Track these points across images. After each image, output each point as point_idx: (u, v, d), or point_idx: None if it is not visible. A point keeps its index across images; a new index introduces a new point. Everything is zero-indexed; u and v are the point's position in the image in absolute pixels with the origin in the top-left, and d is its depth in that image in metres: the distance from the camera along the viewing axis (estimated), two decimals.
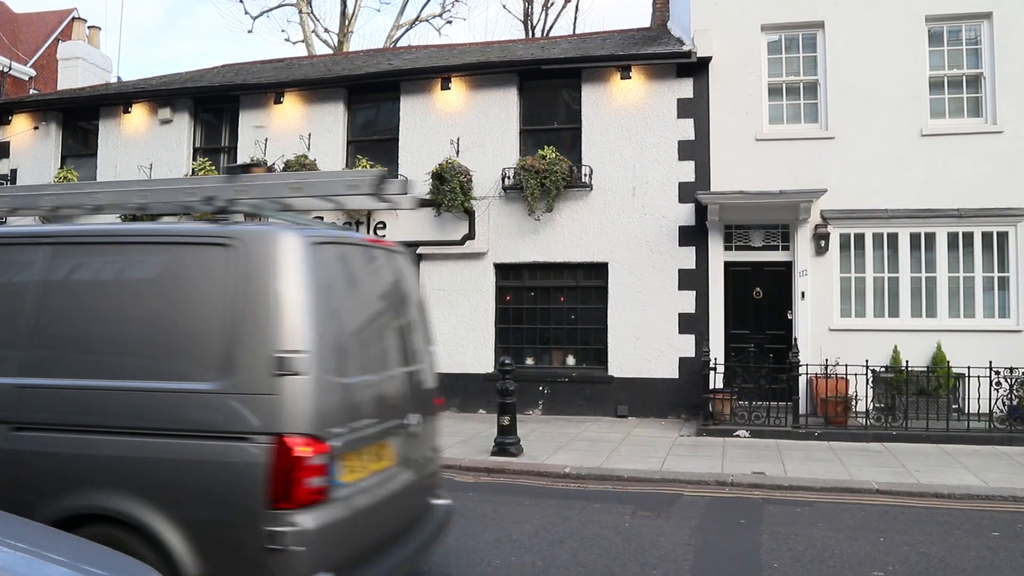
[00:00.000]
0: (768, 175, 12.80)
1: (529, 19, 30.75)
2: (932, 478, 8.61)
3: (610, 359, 13.51)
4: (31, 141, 16.80)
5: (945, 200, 12.52)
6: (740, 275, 13.26)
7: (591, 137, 13.75)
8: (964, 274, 12.59)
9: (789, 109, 13.37)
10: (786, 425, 11.27)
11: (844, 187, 12.66)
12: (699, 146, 13.31)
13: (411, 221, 14.27)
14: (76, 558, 2.87)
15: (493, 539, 6.30)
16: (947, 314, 12.56)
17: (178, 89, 15.96)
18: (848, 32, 12.99)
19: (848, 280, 12.89)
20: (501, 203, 14.01)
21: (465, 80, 14.41)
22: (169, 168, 15.62)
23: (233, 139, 15.74)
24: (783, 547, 6.17)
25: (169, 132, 15.90)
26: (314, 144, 14.92)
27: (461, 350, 14.00)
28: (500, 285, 14.17)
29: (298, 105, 15.22)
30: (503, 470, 9.22)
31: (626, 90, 13.65)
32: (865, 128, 12.80)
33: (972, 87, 12.89)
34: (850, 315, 12.86)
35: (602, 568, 5.60)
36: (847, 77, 12.93)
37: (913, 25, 12.84)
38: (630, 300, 13.42)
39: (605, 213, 13.59)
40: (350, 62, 17.16)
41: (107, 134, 16.36)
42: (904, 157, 12.69)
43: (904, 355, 11.88)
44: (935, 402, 11.46)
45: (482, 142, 14.15)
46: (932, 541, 6.37)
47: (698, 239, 13.23)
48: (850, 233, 12.88)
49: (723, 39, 13.27)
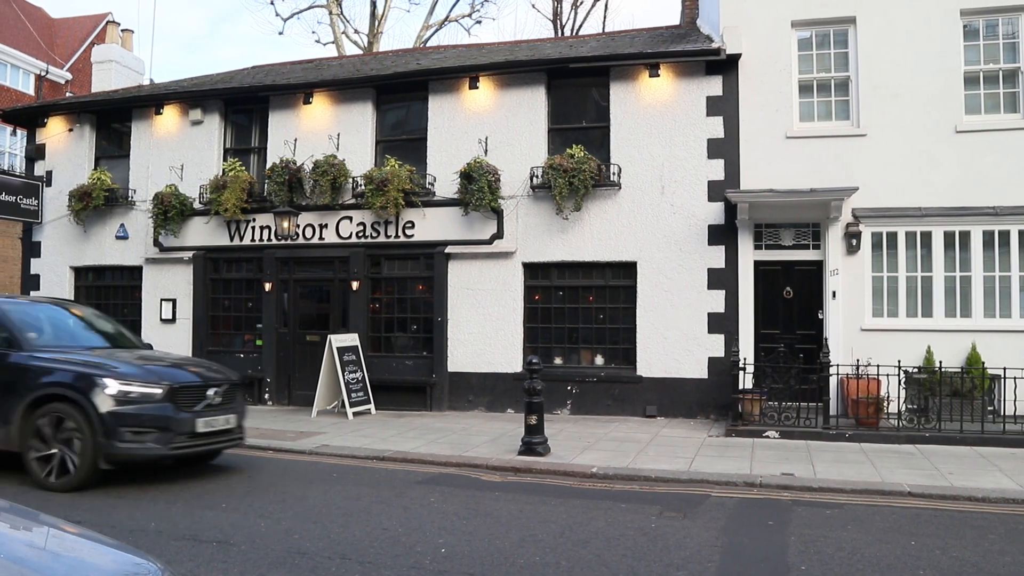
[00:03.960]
0: (798, 173, 12.67)
1: (558, 18, 30.72)
2: (966, 481, 8.46)
3: (639, 359, 13.44)
4: (66, 143, 17.08)
5: (980, 198, 12.30)
6: (770, 274, 13.13)
7: (619, 136, 13.69)
8: (1000, 273, 12.36)
9: (820, 106, 13.21)
10: (816, 426, 11.14)
11: (876, 185, 12.49)
12: (728, 144, 13.20)
13: (439, 221, 14.31)
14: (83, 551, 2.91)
15: (518, 539, 6.28)
16: (982, 314, 12.33)
17: (209, 91, 16.14)
18: (880, 27, 12.80)
19: (880, 279, 12.71)
20: (529, 202, 13.99)
21: (493, 79, 14.41)
22: (200, 169, 15.81)
23: (263, 140, 15.89)
24: (811, 549, 6.08)
25: (200, 133, 16.09)
26: (343, 144, 15.01)
27: (489, 349, 14.02)
28: (528, 284, 14.16)
29: (327, 105, 15.32)
30: (530, 469, 9.20)
31: (655, 88, 13.57)
32: (897, 125, 12.61)
33: (1009, 82, 12.64)
34: (882, 315, 12.67)
35: (627, 569, 5.56)
36: (879, 73, 12.75)
37: (947, 19, 12.62)
38: (659, 299, 13.34)
39: (634, 212, 13.52)
40: (379, 62, 17.24)
41: (139, 135, 16.59)
42: (938, 154, 12.48)
43: (938, 356, 11.69)
44: (969, 404, 11.26)
45: (510, 141, 14.15)
46: (965, 545, 6.24)
47: (728, 238, 13.11)
48: (882, 232, 12.70)
49: (753, 36, 13.14)
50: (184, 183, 15.85)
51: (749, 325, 12.96)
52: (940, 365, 11.31)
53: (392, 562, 5.62)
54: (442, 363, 14.21)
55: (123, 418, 7.68)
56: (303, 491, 8.02)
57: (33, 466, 7.82)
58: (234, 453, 10.17)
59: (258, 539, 6.18)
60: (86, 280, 17.07)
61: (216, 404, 8.44)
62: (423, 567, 5.53)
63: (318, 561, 5.61)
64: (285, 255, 15.26)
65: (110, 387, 7.74)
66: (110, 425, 7.60)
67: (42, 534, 3.04)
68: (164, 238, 15.90)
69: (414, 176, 14.22)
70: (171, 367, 8.64)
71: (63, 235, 16.91)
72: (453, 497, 7.80)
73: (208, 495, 7.74)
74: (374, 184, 13.98)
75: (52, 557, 2.80)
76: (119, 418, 7.66)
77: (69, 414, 7.72)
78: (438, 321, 14.32)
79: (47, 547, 2.91)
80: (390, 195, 13.85)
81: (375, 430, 12.03)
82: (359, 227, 14.77)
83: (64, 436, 7.74)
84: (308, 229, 15.06)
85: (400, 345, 14.89)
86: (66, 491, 7.59)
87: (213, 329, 15.93)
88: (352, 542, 6.12)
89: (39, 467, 7.79)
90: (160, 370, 8.29)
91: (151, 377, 8.02)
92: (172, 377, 8.20)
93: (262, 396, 15.16)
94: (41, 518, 3.25)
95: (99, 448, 7.59)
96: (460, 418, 13.37)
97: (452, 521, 6.81)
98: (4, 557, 2.54)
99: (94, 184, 16.07)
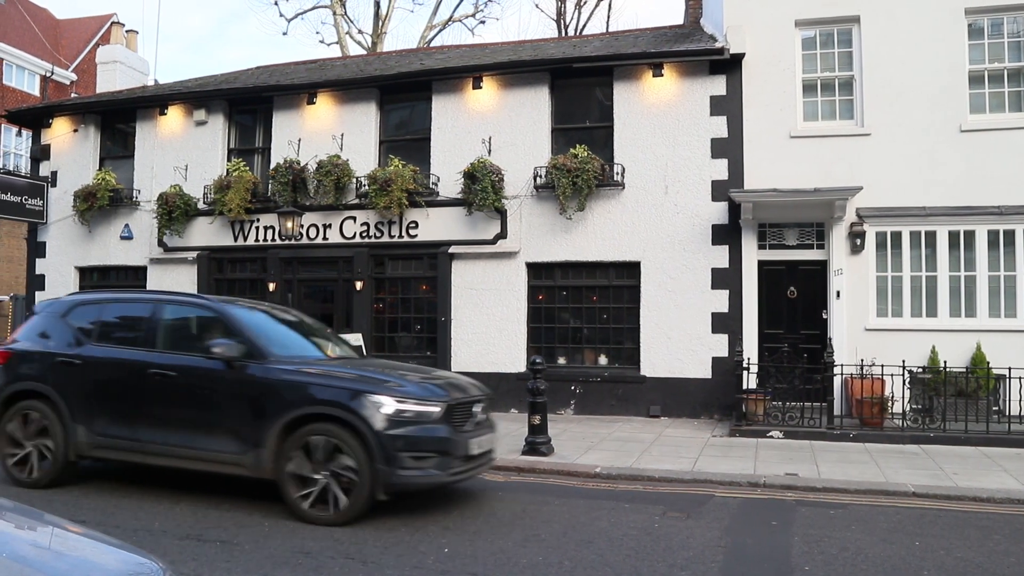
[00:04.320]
0: (802, 172, 12.65)
1: (562, 18, 30.73)
2: (971, 481, 8.44)
3: (642, 359, 13.43)
4: (71, 143, 17.12)
5: (985, 197, 12.27)
6: (774, 274, 13.11)
7: (623, 135, 13.68)
8: (1005, 273, 12.33)
9: (824, 106, 13.19)
10: (820, 426, 11.12)
11: (880, 184, 12.47)
12: (732, 144, 13.19)
13: (443, 221, 14.32)
14: (87, 551, 2.93)
15: (520, 538, 6.28)
16: (987, 314, 12.31)
17: (213, 91, 16.17)
18: (884, 27, 12.78)
19: (884, 279, 12.69)
20: (533, 202, 13.99)
21: (497, 79, 14.42)
22: (204, 169, 15.84)
23: (267, 140, 15.92)
24: (815, 550, 6.07)
25: (204, 133, 16.12)
26: (347, 144, 15.02)
27: (493, 349, 14.02)
28: (532, 284, 14.16)
29: (331, 105, 15.34)
30: (533, 469, 9.19)
31: (658, 88, 13.56)
32: (902, 124, 12.59)
33: (1014, 81, 12.61)
34: (886, 315, 12.65)
35: (629, 568, 5.56)
36: (883, 73, 12.73)
37: (952, 19, 12.60)
38: (663, 299, 13.33)
39: (637, 212, 13.51)
40: (382, 62, 17.26)
41: (144, 136, 16.63)
42: (942, 154, 12.46)
43: (942, 356, 11.67)
44: (974, 404, 11.24)
45: (514, 141, 14.15)
46: (970, 546, 6.23)
47: (731, 238, 13.10)
48: (886, 231, 12.67)
49: (756, 35, 13.13)
50: (188, 183, 15.88)
51: (753, 325, 12.94)
52: (945, 365, 11.29)
53: (396, 561, 5.63)
54: (446, 363, 14.21)
55: (402, 441, 6.59)
56: None
57: (292, 495, 6.71)
58: None
59: (262, 539, 6.19)
60: (91, 280, 17.10)
61: (480, 422, 7.44)
62: (426, 566, 5.54)
63: (321, 561, 5.62)
64: (289, 255, 15.28)
65: (386, 405, 6.64)
66: (390, 449, 6.53)
67: (46, 533, 3.05)
68: (168, 238, 15.94)
69: (418, 176, 14.23)
70: (434, 381, 7.42)
71: (68, 235, 16.95)
72: (456, 496, 7.80)
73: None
74: (378, 184, 13.99)
75: (56, 556, 2.81)
76: (398, 441, 6.57)
77: (339, 436, 6.60)
78: (442, 321, 14.32)
79: (51, 546, 2.92)
80: (394, 195, 13.87)
81: None
82: (363, 227, 14.78)
83: (332, 462, 6.62)
84: (312, 229, 15.08)
85: (404, 345, 14.90)
86: (337, 524, 6.51)
87: None
88: (356, 541, 6.12)
89: (299, 496, 6.68)
90: (431, 385, 7.19)
91: (425, 393, 6.93)
92: (445, 393, 7.10)
93: None
94: (45, 518, 3.26)
95: (378, 476, 6.50)
96: None
97: (455, 520, 6.81)
98: (8, 556, 2.54)
99: (99, 184, 16.12)
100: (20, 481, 7.70)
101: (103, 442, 7.51)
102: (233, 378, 7.08)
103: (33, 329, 8.38)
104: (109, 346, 7.84)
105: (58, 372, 7.78)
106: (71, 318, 8.13)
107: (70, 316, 8.15)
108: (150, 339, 7.71)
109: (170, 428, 7.24)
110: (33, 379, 7.91)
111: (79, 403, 7.60)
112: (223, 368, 7.10)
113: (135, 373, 7.49)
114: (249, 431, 6.91)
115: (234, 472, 7.04)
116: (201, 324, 7.86)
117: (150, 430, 7.32)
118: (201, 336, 7.71)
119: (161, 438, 7.25)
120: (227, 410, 7.11)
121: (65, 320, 8.14)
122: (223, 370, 7.10)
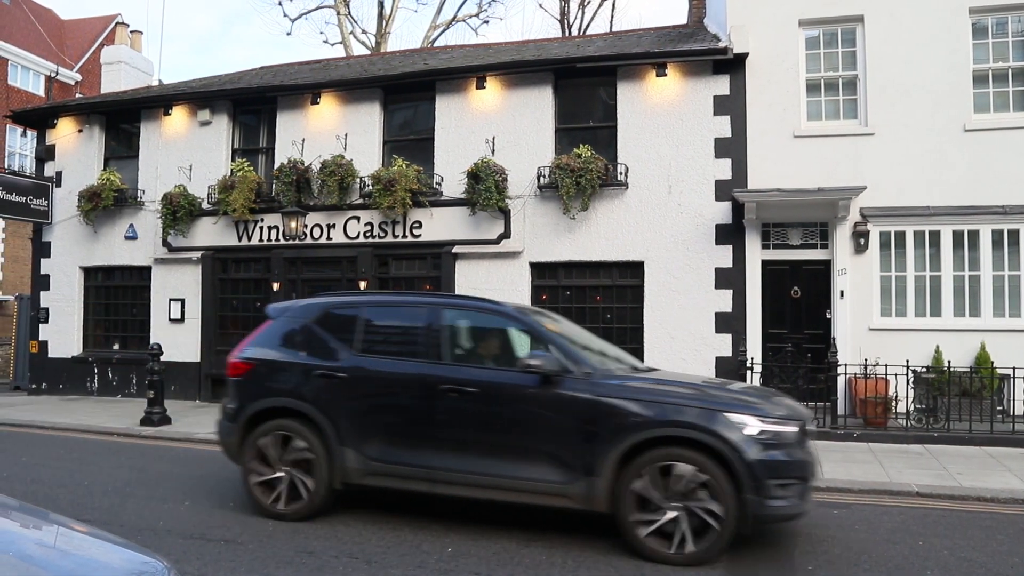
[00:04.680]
0: (806, 172, 12.65)
1: (565, 18, 30.72)
2: (975, 481, 8.43)
3: (646, 358, 13.40)
4: (75, 144, 17.17)
5: (989, 197, 12.26)
6: (778, 274, 13.10)
7: (627, 135, 13.69)
8: (1009, 272, 12.32)
9: (827, 105, 13.18)
10: (824, 426, 11.11)
11: (884, 184, 12.46)
12: (736, 143, 13.18)
13: (446, 220, 14.34)
14: (92, 550, 2.94)
15: (524, 538, 6.29)
16: (991, 313, 12.29)
17: (217, 91, 16.20)
18: (888, 26, 12.77)
19: (888, 279, 12.68)
20: (536, 202, 13.99)
21: (500, 79, 14.43)
22: (208, 169, 15.88)
23: (271, 140, 15.94)
24: (818, 549, 6.07)
25: (208, 133, 16.15)
26: (350, 144, 15.05)
27: None
28: (536, 284, 14.16)
29: (335, 106, 15.36)
30: None
31: (662, 88, 13.56)
32: (906, 124, 12.58)
33: (1018, 80, 12.59)
34: (890, 314, 12.64)
35: (633, 568, 5.56)
36: (887, 72, 12.72)
37: (956, 17, 12.58)
38: (666, 299, 13.33)
39: (641, 212, 13.51)
40: (386, 62, 17.28)
41: (148, 136, 16.67)
42: (946, 153, 12.44)
43: (946, 355, 11.66)
44: (979, 403, 11.23)
45: (517, 141, 14.16)
46: (974, 546, 6.22)
47: (735, 237, 13.10)
48: (890, 231, 12.67)
49: (760, 35, 13.13)
50: (192, 183, 15.92)
51: (756, 325, 12.94)
52: (949, 365, 11.27)
53: (399, 561, 5.64)
54: None
55: (769, 467, 5.70)
56: None
57: (639, 534, 5.79)
58: None
59: (266, 538, 6.20)
60: (95, 280, 17.15)
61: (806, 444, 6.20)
62: (429, 566, 5.55)
63: (325, 560, 5.64)
64: (293, 255, 15.31)
65: (750, 426, 5.77)
66: (759, 477, 5.64)
67: (51, 532, 3.07)
68: (173, 238, 15.97)
69: (421, 176, 14.25)
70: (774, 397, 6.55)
71: (73, 235, 17.00)
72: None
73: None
74: (381, 184, 14.01)
75: (61, 555, 2.83)
76: (765, 467, 5.68)
77: (699, 463, 5.71)
78: None
79: (56, 545, 2.94)
80: (397, 195, 13.89)
81: None
82: (367, 227, 14.81)
83: (689, 492, 5.72)
84: (316, 229, 15.10)
85: None
86: (692, 564, 5.68)
87: (222, 329, 15.99)
88: (359, 541, 6.14)
89: (650, 535, 5.76)
90: (782, 402, 6.36)
91: (784, 412, 6.03)
92: (797, 412, 6.26)
93: None
94: (51, 517, 3.27)
95: (746, 507, 5.64)
96: None
97: (458, 520, 6.82)
98: (14, 555, 2.56)
99: (103, 184, 16.16)
100: (273, 512, 6.75)
101: (378, 468, 6.51)
102: (551, 395, 6.11)
103: (272, 336, 7.29)
104: (382, 358, 6.82)
105: (318, 387, 6.76)
106: (322, 324, 7.10)
107: (320, 322, 7.12)
108: (432, 350, 6.66)
109: (468, 453, 6.27)
110: (286, 395, 6.88)
111: (348, 423, 6.62)
112: (536, 384, 6.15)
113: (424, 390, 6.46)
114: (576, 456, 5.97)
115: (553, 503, 6.11)
116: (495, 333, 6.93)
117: (442, 455, 6.33)
118: (501, 347, 6.85)
119: (457, 464, 6.27)
120: (545, 432, 6.12)
121: (315, 326, 7.10)
122: (537, 386, 6.15)
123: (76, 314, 17.08)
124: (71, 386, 16.92)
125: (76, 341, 17.07)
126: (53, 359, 17.14)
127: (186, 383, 15.87)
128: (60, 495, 7.61)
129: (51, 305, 17.21)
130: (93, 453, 10.31)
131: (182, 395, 15.81)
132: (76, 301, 17.07)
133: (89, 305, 17.20)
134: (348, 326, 7.03)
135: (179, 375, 15.77)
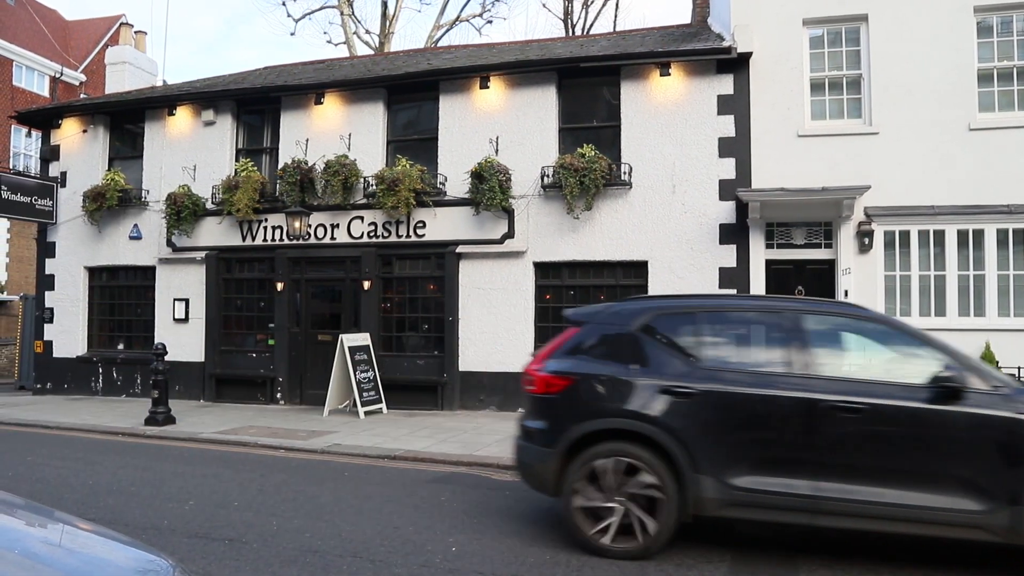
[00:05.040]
0: (810, 172, 12.63)
1: (569, 18, 30.71)
2: None
3: None
4: (80, 144, 17.21)
5: (994, 196, 12.23)
6: (782, 273, 13.09)
7: (630, 135, 13.68)
8: (1014, 272, 12.28)
9: (831, 104, 13.16)
10: None
11: (888, 183, 12.44)
12: (740, 143, 13.17)
13: (450, 220, 14.34)
14: (98, 548, 2.95)
15: (529, 537, 6.30)
16: (996, 313, 12.26)
17: (221, 92, 16.22)
18: (892, 25, 12.75)
19: (893, 278, 12.65)
20: (540, 202, 13.99)
21: (504, 79, 14.43)
22: (212, 170, 15.90)
23: (275, 140, 15.96)
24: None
25: (212, 134, 16.18)
26: (354, 144, 15.06)
27: (500, 349, 14.03)
28: (539, 284, 14.16)
29: (338, 106, 15.37)
30: None
31: (666, 87, 13.55)
32: (910, 123, 12.56)
33: (1023, 79, 12.56)
34: (895, 314, 12.61)
35: (636, 567, 5.57)
36: (891, 71, 12.70)
37: (961, 16, 12.56)
38: None
39: (645, 211, 13.51)
40: (390, 62, 17.29)
41: (153, 136, 16.70)
42: (951, 152, 12.42)
43: None
44: None
45: (521, 141, 14.16)
46: None
47: (739, 237, 13.08)
48: (895, 230, 12.64)
49: (764, 34, 13.11)
50: (197, 183, 15.95)
51: None
52: None
53: (403, 560, 5.64)
54: (453, 362, 14.24)
55: None
56: (315, 490, 8.05)
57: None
58: (246, 452, 10.23)
59: (270, 537, 6.21)
60: (100, 280, 17.19)
61: None
62: (434, 565, 5.55)
63: (329, 560, 5.64)
64: (297, 255, 15.33)
65: None
66: None
67: (57, 531, 3.07)
68: (177, 238, 16.00)
69: (425, 176, 14.25)
70: None
71: (77, 235, 17.04)
72: (464, 496, 7.82)
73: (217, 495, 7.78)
74: (385, 184, 14.02)
75: (67, 553, 2.83)
76: None
77: None
78: (449, 320, 14.34)
79: (62, 543, 2.94)
80: (401, 195, 13.90)
81: (386, 429, 12.06)
82: (370, 227, 14.82)
83: None
84: (320, 229, 15.12)
85: (411, 344, 14.93)
86: None
87: (226, 329, 16.02)
88: (363, 540, 6.14)
89: None
90: None
91: None
92: None
93: (274, 396, 15.24)
94: (56, 515, 3.28)
95: None
96: (471, 417, 13.39)
97: (463, 520, 6.82)
98: (20, 553, 2.57)
99: (108, 185, 16.20)
100: (594, 545, 5.90)
101: (743, 498, 5.67)
102: (961, 413, 5.42)
103: (583, 346, 6.49)
104: (739, 372, 5.95)
105: (663, 407, 5.87)
106: (651, 333, 6.24)
107: (648, 330, 6.24)
108: (799, 362, 5.82)
109: (859, 480, 5.49)
110: (623, 415, 5.95)
111: (705, 448, 5.77)
112: (940, 399, 5.45)
113: (799, 408, 5.65)
114: (996, 483, 5.29)
115: (966, 536, 5.39)
116: (870, 342, 6.18)
117: (828, 483, 5.53)
118: (884, 358, 6.08)
119: (846, 493, 5.48)
120: (957, 455, 5.42)
121: (642, 335, 6.24)
122: (942, 402, 5.44)
123: (81, 314, 17.12)
124: (76, 386, 16.97)
125: (81, 341, 17.12)
126: (58, 359, 17.19)
127: (190, 383, 15.91)
128: (65, 494, 7.63)
129: (56, 305, 17.26)
130: (98, 453, 10.34)
131: (186, 395, 15.84)
132: (81, 301, 17.12)
133: (94, 305, 17.25)
134: (686, 334, 6.26)
135: (183, 375, 15.80)
